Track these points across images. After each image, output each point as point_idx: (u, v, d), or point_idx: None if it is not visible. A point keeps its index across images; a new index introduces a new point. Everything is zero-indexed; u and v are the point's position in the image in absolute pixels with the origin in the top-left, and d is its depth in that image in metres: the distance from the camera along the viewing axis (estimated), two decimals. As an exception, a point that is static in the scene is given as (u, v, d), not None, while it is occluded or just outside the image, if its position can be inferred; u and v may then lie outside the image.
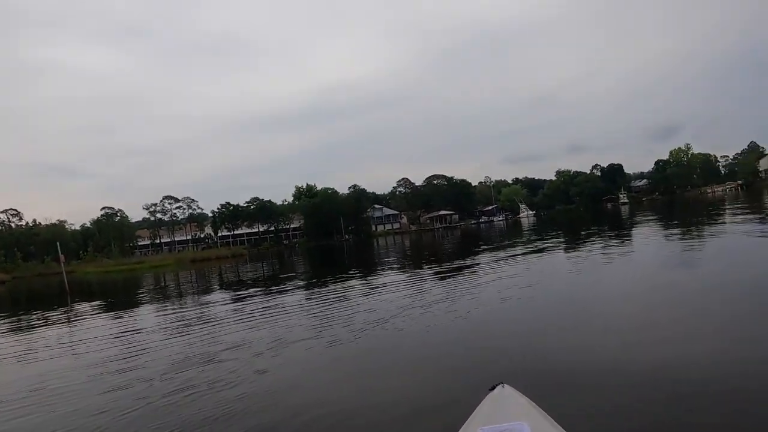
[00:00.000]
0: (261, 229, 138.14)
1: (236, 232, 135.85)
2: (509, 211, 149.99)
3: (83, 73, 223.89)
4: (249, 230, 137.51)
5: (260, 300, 19.91)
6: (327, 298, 17.70)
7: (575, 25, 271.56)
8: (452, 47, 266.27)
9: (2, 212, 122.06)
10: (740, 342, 7.57)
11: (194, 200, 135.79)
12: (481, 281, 17.70)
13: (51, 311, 25.92)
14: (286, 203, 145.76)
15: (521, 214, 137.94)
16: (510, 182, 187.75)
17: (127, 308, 24.18)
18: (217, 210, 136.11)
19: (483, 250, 33.22)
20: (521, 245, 34.04)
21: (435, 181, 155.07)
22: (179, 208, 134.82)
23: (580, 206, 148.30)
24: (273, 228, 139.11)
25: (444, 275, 21.60)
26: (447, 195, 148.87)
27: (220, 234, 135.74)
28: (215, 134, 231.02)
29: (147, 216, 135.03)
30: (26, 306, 31.92)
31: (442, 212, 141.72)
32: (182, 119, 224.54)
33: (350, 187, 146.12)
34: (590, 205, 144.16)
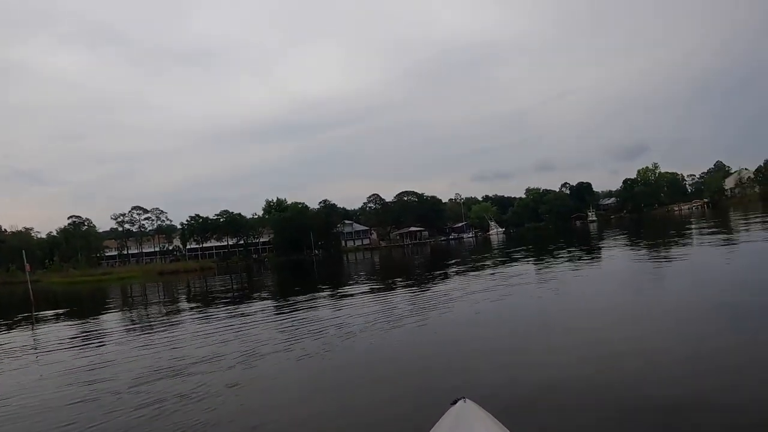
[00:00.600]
0: (230, 243, 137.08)
1: (205, 245, 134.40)
2: (479, 229, 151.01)
3: (54, 76, 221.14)
4: (218, 243, 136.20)
5: (229, 314, 19.83)
6: (297, 313, 17.71)
7: (545, 48, 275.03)
8: (424, 65, 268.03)
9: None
10: (696, 359, 7.81)
11: (163, 211, 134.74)
12: (450, 297, 17.86)
13: (15, 321, 25.58)
14: (256, 217, 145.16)
15: (491, 232, 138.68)
16: (480, 200, 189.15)
17: (94, 320, 23.94)
18: (186, 222, 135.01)
19: (452, 267, 33.45)
20: (490, 262, 34.41)
21: (405, 198, 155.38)
22: (148, 219, 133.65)
23: (549, 224, 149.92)
24: (242, 242, 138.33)
25: (413, 291, 21.77)
26: (417, 211, 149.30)
27: (189, 247, 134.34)
28: (186, 145, 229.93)
29: (115, 226, 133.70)
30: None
31: (412, 228, 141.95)
32: (153, 128, 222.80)
33: (321, 202, 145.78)
34: (559, 223, 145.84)
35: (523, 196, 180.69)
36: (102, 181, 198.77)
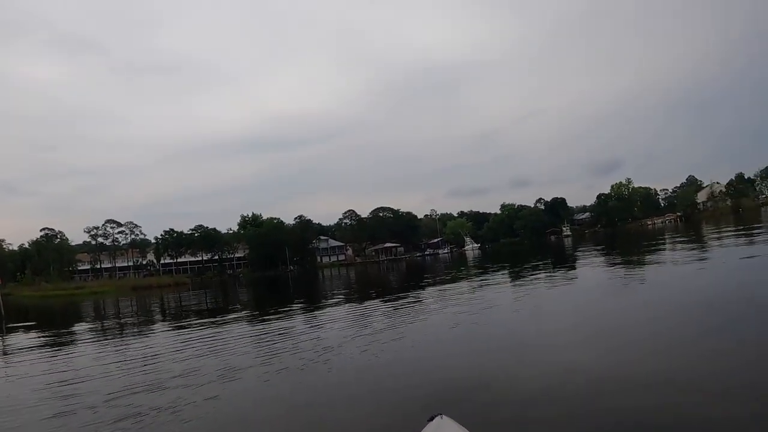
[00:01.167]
0: (205, 258, 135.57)
1: (179, 260, 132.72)
2: (454, 244, 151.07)
3: (29, 86, 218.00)
4: (192, 258, 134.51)
5: (206, 329, 19.77)
6: (274, 329, 17.73)
7: (519, 65, 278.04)
8: (400, 83, 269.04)
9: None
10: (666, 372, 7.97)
11: (137, 225, 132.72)
12: (426, 312, 18.01)
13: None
14: (231, 232, 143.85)
15: (466, 247, 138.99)
16: (455, 215, 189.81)
17: (68, 334, 23.71)
18: (161, 236, 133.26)
19: (428, 283, 33.60)
20: (466, 277, 34.61)
21: (381, 214, 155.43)
22: (121, 233, 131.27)
23: (525, 239, 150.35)
24: (217, 257, 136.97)
25: (389, 306, 21.82)
26: (393, 227, 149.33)
27: (163, 261, 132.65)
28: (161, 158, 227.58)
29: (88, 239, 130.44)
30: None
31: (388, 244, 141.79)
32: (128, 141, 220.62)
33: (296, 218, 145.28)
34: (534, 238, 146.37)
35: (499, 212, 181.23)
36: (75, 193, 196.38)
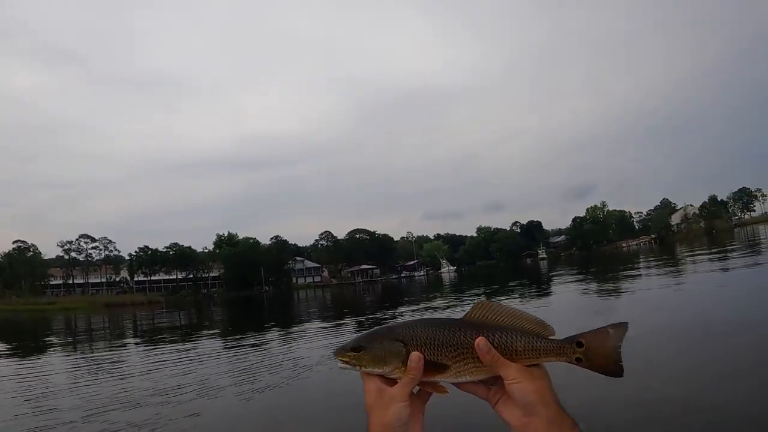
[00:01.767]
0: (179, 276, 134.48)
1: (153, 278, 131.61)
2: (430, 267, 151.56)
3: (5, 93, 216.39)
4: (167, 276, 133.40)
5: (183, 348, 19.88)
6: (252, 348, 17.87)
7: (497, 91, 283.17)
8: (379, 106, 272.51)
9: None
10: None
11: (111, 241, 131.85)
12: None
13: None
14: (207, 251, 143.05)
15: (442, 270, 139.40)
16: (432, 238, 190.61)
17: (41, 350, 23.54)
18: (135, 253, 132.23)
19: (404, 304, 33.70)
20: (440, 299, 34.82)
21: (357, 235, 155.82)
22: (95, 249, 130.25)
23: (501, 262, 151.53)
24: (192, 276, 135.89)
25: (366, 327, 21.93)
26: (369, 249, 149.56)
27: (137, 279, 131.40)
28: (138, 173, 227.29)
29: (61, 254, 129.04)
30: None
31: (364, 266, 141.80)
32: (105, 154, 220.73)
33: (272, 238, 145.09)
34: (510, 261, 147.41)
35: (475, 235, 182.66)
36: (50, 206, 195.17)
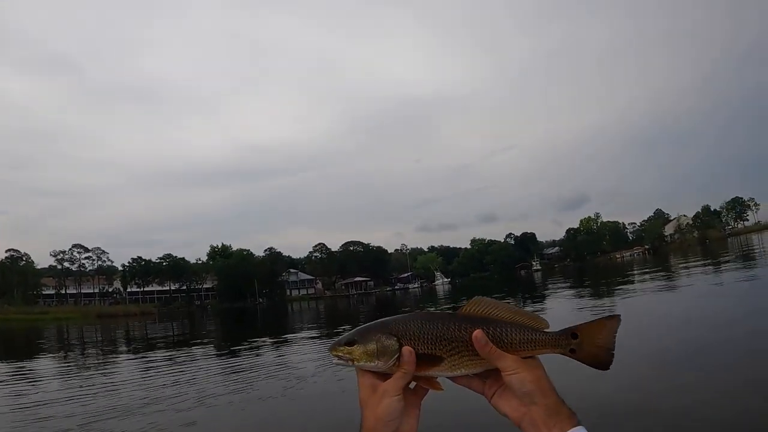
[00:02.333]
0: (173, 288, 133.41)
1: (146, 289, 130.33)
2: (424, 279, 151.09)
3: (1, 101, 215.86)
4: (160, 288, 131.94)
5: (177, 359, 19.89)
6: (247, 359, 17.97)
7: (489, 102, 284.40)
8: (373, 117, 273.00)
9: None
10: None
11: (105, 251, 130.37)
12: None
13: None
14: (200, 262, 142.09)
15: (436, 282, 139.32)
16: (426, 250, 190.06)
17: (36, 360, 23.54)
18: (128, 264, 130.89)
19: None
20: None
21: (351, 248, 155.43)
22: (88, 259, 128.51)
23: (495, 274, 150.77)
24: (185, 287, 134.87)
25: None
26: (363, 261, 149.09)
27: (130, 290, 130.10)
28: (131, 183, 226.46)
29: (54, 264, 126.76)
30: None
31: (358, 279, 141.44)
32: (99, 164, 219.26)
33: (266, 250, 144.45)
34: (504, 273, 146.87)
35: (469, 247, 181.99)
36: (43, 215, 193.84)
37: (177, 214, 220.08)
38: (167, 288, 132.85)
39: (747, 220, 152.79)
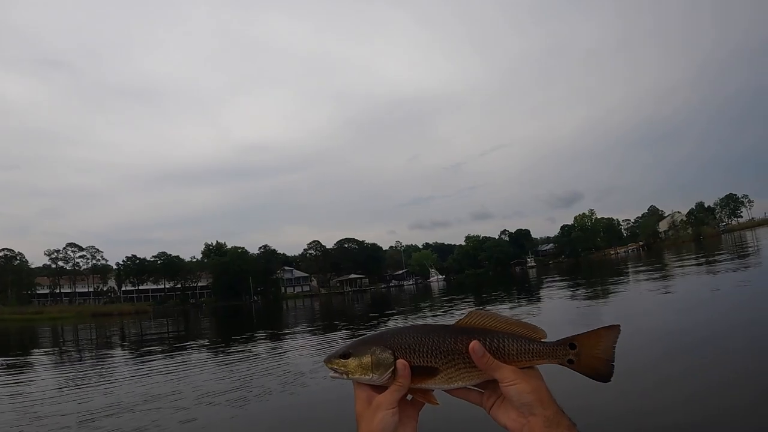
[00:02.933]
0: (167, 286, 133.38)
1: (141, 287, 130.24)
2: (419, 276, 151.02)
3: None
4: (155, 286, 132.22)
5: (174, 357, 19.88)
6: (245, 356, 17.99)
7: (484, 100, 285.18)
8: (367, 117, 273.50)
9: None
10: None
11: (99, 250, 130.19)
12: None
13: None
14: (195, 260, 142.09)
15: (431, 279, 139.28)
16: (420, 247, 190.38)
17: (32, 359, 23.52)
18: (123, 262, 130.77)
19: (393, 313, 33.75)
20: (429, 308, 34.91)
21: (346, 245, 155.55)
22: (83, 258, 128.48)
23: (489, 270, 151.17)
24: (180, 285, 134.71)
25: (356, 335, 22.01)
26: (357, 259, 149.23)
27: (124, 288, 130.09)
28: (125, 183, 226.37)
29: (48, 263, 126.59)
30: None
31: (353, 276, 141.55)
32: (93, 164, 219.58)
33: (261, 248, 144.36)
34: (499, 269, 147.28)
35: (463, 243, 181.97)
36: (37, 214, 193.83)
37: (171, 213, 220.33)
38: (162, 286, 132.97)
39: (741, 217, 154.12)
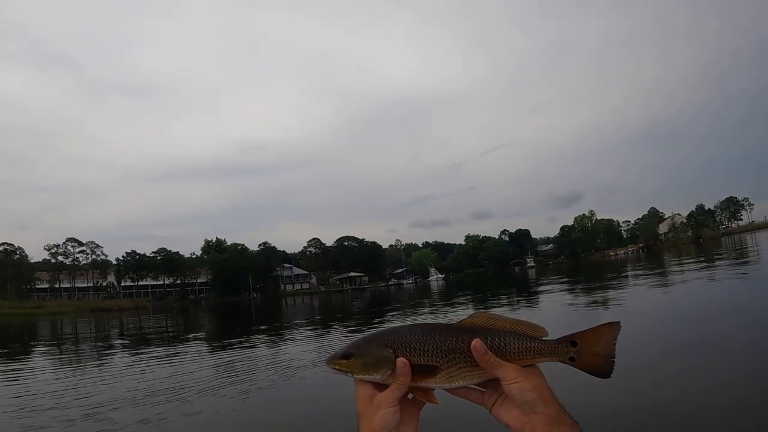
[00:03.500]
0: (167, 282, 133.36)
1: (141, 283, 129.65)
2: (419, 275, 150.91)
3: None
4: (154, 282, 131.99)
5: (175, 352, 19.97)
6: (245, 351, 18.08)
7: (484, 100, 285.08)
8: (368, 116, 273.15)
9: None
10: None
11: (99, 246, 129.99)
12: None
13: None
14: (195, 256, 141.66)
15: (431, 278, 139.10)
16: (420, 246, 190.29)
17: (33, 353, 23.64)
18: (122, 258, 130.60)
19: (392, 312, 33.82)
20: (428, 307, 34.98)
21: (345, 243, 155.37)
22: (82, 253, 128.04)
23: (489, 270, 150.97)
24: (179, 281, 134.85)
25: (355, 332, 22.09)
26: (357, 257, 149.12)
27: (124, 284, 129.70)
28: (126, 179, 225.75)
29: (48, 258, 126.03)
30: None
31: (352, 274, 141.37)
32: (94, 159, 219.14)
33: (260, 245, 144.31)
34: (498, 269, 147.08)
35: (463, 243, 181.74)
36: (37, 210, 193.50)
37: (172, 209, 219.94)
38: (161, 282, 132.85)
39: (741, 220, 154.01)
